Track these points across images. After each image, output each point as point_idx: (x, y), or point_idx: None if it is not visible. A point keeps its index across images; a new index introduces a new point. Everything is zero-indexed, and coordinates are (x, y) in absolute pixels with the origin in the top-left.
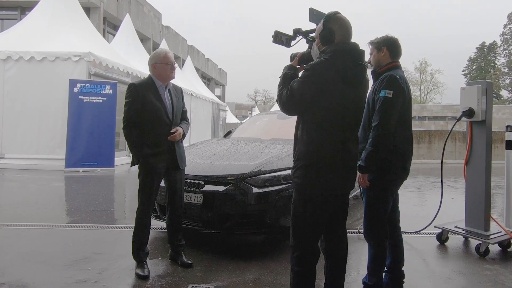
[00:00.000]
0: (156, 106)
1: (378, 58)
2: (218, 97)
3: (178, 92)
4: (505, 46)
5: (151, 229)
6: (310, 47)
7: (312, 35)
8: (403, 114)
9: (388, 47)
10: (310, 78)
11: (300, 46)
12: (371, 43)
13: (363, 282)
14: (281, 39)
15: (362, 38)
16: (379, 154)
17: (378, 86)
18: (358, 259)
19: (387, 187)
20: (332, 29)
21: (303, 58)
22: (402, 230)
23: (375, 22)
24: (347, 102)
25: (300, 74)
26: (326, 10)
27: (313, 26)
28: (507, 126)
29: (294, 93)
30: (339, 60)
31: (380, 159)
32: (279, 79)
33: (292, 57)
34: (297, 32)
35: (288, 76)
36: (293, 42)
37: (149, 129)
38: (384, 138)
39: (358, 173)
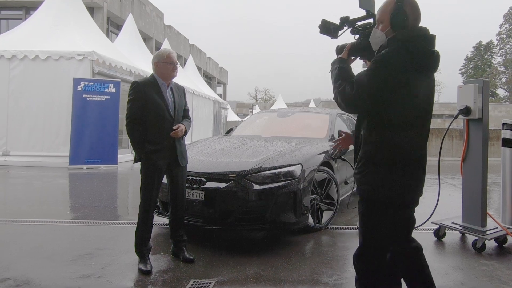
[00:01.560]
0: (158, 103)
1: None
2: (220, 95)
3: (181, 91)
4: (501, 45)
5: (153, 225)
6: (362, 37)
7: (360, 23)
8: None
9: None
10: (383, 69)
11: (346, 37)
12: None
13: None
14: (329, 27)
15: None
16: None
17: None
18: None
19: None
20: (406, 12)
21: (353, 49)
22: None
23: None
24: (423, 95)
25: (353, 66)
26: (321, 11)
27: (356, 13)
28: (503, 124)
29: (363, 87)
30: (416, 48)
31: None
32: (332, 74)
33: (340, 49)
34: (345, 21)
35: (345, 70)
36: (339, 32)
37: (151, 126)
38: None
39: None
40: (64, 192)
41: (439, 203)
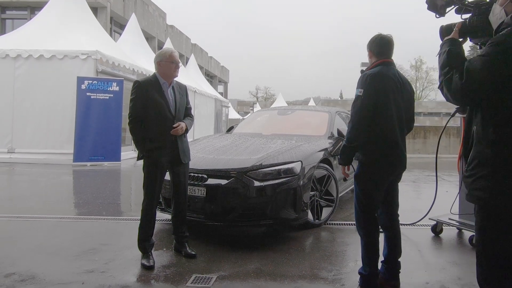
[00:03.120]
0: (159, 102)
1: (368, 60)
2: (221, 93)
3: (183, 90)
4: None
5: (156, 221)
6: (476, 14)
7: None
8: (381, 109)
9: (371, 48)
10: (501, 54)
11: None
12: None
13: (359, 273)
14: (436, 4)
15: (361, 39)
16: (351, 149)
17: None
18: (355, 250)
19: (370, 180)
20: None
21: (464, 29)
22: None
23: (374, 23)
24: None
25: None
26: (323, 12)
27: None
28: None
29: (474, 76)
30: None
31: (354, 153)
32: (440, 58)
33: (446, 30)
34: None
35: (454, 54)
36: (447, 9)
37: (152, 124)
38: (355, 134)
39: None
40: (68, 189)
41: (436, 199)
